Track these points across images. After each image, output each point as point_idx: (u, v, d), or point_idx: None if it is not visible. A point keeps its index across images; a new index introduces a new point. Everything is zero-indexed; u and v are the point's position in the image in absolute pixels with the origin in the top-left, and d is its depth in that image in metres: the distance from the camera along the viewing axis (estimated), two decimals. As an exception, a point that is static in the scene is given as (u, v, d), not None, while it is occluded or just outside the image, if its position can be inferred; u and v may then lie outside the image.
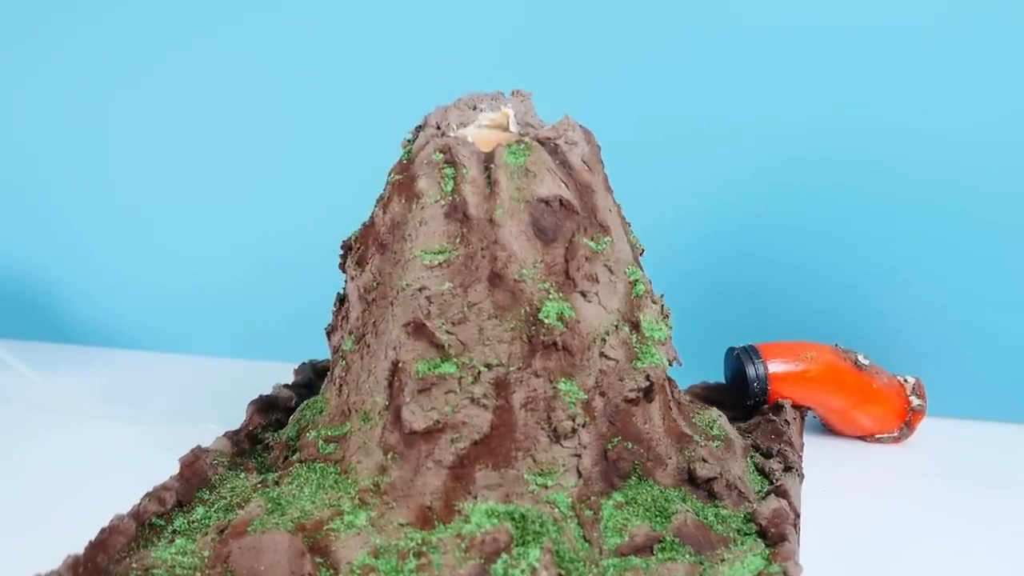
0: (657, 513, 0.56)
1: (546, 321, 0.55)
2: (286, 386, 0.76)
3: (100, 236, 0.94)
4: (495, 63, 0.82)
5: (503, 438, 0.55)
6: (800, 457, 0.67)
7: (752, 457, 0.66)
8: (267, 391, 0.77)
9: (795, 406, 0.73)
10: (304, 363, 0.82)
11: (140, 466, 0.68)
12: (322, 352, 0.83)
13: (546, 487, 0.55)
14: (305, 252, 0.91)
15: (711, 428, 0.65)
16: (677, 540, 0.54)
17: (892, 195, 0.77)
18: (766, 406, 0.73)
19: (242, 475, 0.63)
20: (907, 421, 0.74)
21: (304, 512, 0.54)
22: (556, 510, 0.54)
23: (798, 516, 0.58)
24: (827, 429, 0.77)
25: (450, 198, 0.56)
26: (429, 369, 0.55)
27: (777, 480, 0.63)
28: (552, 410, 0.55)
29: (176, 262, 0.94)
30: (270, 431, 0.70)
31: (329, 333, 0.64)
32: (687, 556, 0.53)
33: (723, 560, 0.53)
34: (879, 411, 0.73)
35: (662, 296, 0.61)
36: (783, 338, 0.76)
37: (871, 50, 0.77)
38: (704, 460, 0.61)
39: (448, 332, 0.55)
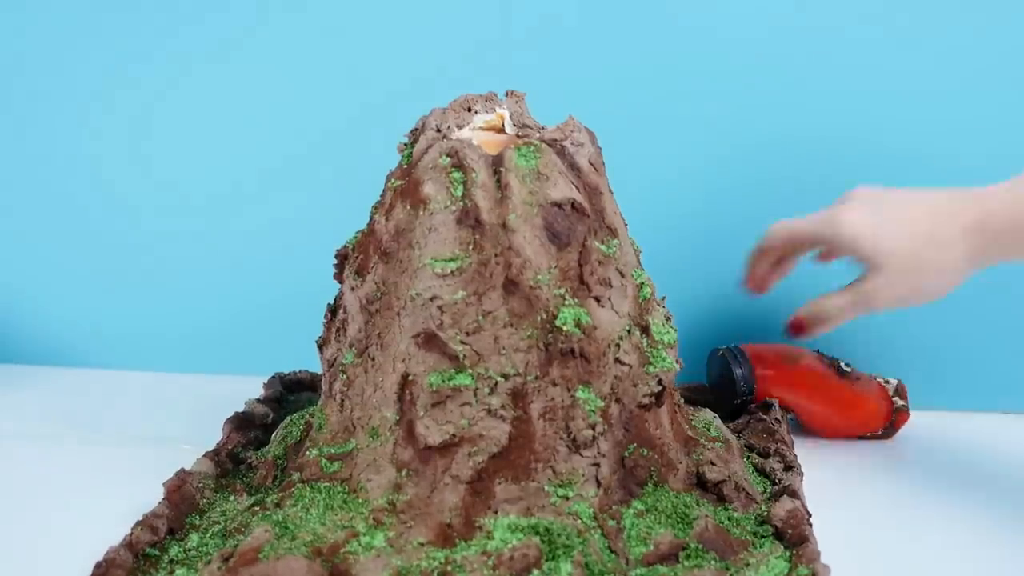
0: (678, 520, 0.55)
1: (564, 328, 0.53)
2: (259, 401, 0.73)
3: (45, 248, 0.89)
4: (465, 65, 0.81)
5: (522, 450, 0.53)
6: (795, 455, 0.67)
7: (749, 457, 0.66)
8: (225, 405, 0.74)
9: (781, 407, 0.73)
10: (273, 376, 0.79)
11: (115, 490, 0.64)
12: (279, 364, 0.81)
13: (567, 498, 0.53)
14: (259, 262, 0.88)
15: (708, 430, 0.65)
16: (700, 546, 0.53)
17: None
18: (753, 405, 0.73)
19: (231, 498, 0.60)
20: (891, 422, 0.74)
21: (316, 535, 0.52)
22: (579, 521, 0.52)
23: (810, 515, 0.58)
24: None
25: (461, 203, 0.54)
26: (443, 381, 0.53)
27: (779, 480, 0.62)
28: (571, 419, 0.54)
29: (124, 276, 0.89)
30: (251, 449, 0.67)
31: (321, 346, 0.61)
32: (712, 562, 0.52)
33: (748, 564, 0.53)
34: (861, 416, 0.74)
35: (663, 299, 0.60)
36: (763, 341, 0.76)
37: (858, 59, 0.77)
38: (712, 463, 0.60)
39: (462, 342, 0.53)
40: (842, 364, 0.74)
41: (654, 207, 0.79)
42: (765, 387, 0.73)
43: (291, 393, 0.78)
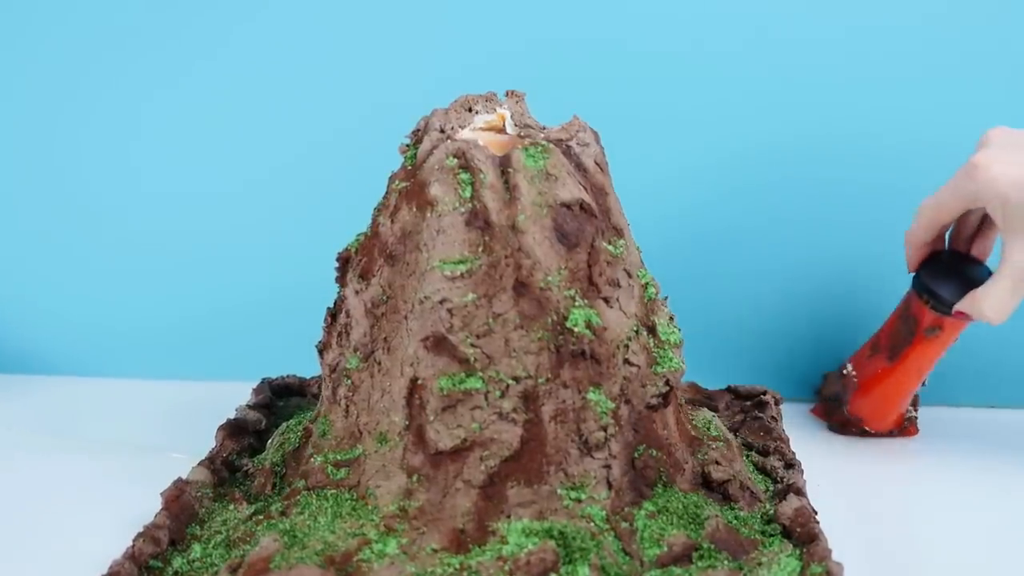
0: (690, 520, 0.55)
1: (575, 329, 0.53)
2: (250, 407, 0.72)
3: (23, 252, 0.87)
4: (461, 65, 0.80)
5: (534, 453, 0.53)
6: (794, 453, 0.67)
7: (748, 456, 0.66)
8: (206, 411, 0.73)
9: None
10: (262, 381, 0.78)
11: (107, 501, 0.63)
12: (257, 369, 0.80)
13: (579, 501, 0.53)
14: (237, 266, 0.86)
15: (709, 429, 0.65)
16: (713, 547, 0.53)
17: (868, 196, 0.78)
18: (750, 402, 0.73)
19: (231, 506, 0.59)
20: (902, 428, 0.75)
21: (327, 544, 0.51)
22: (592, 524, 0.52)
23: (816, 513, 0.58)
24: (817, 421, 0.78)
25: (469, 205, 0.53)
26: (453, 385, 0.53)
27: (781, 478, 0.63)
28: (583, 421, 0.54)
29: (103, 282, 0.87)
30: (245, 457, 0.66)
31: (321, 351, 0.60)
32: (725, 562, 0.52)
33: (760, 564, 0.53)
34: (883, 419, 0.74)
35: (666, 298, 0.60)
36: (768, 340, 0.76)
37: (859, 62, 0.78)
38: (717, 463, 0.60)
39: (472, 345, 0.52)
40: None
41: (647, 206, 0.79)
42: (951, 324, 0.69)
43: (279, 398, 0.77)
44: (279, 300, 0.86)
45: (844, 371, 0.75)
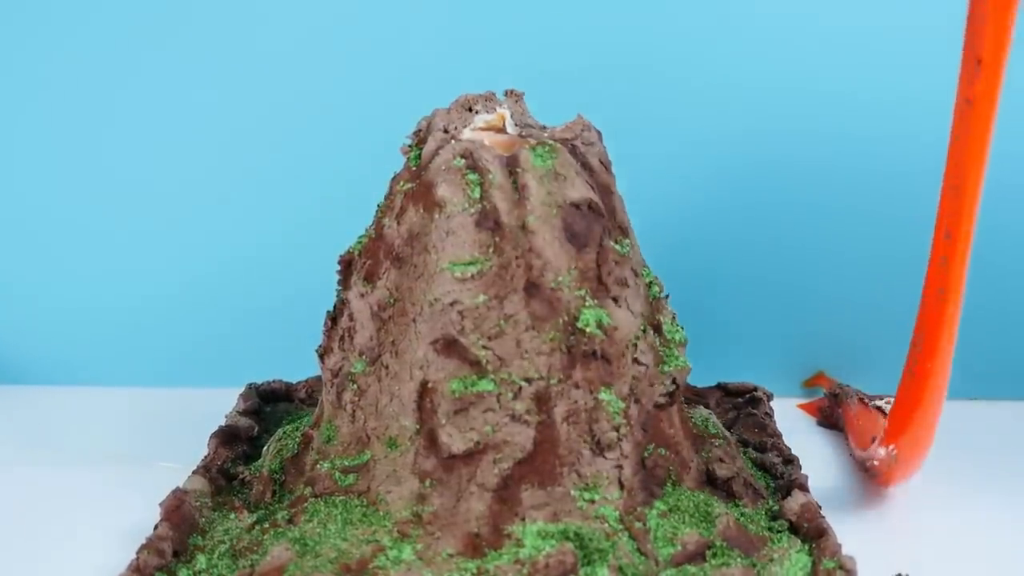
0: (701, 519, 0.55)
1: (587, 329, 0.53)
2: (240, 414, 0.71)
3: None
4: (455, 65, 0.79)
5: (547, 454, 0.53)
6: (789, 448, 0.67)
7: (746, 452, 0.66)
8: (185, 418, 0.72)
9: None
10: (248, 387, 0.76)
11: (100, 513, 0.62)
12: (231, 376, 0.78)
13: (592, 502, 0.53)
14: (214, 269, 0.85)
15: (707, 427, 0.65)
16: (725, 544, 0.53)
17: (863, 197, 0.79)
18: (741, 399, 0.74)
19: (231, 515, 0.58)
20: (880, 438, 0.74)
21: (341, 551, 0.50)
22: (606, 525, 0.52)
23: (820, 507, 0.58)
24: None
25: (479, 205, 0.53)
26: (465, 388, 0.52)
27: (781, 474, 0.63)
28: (595, 421, 0.53)
29: (72, 285, 0.85)
30: (240, 464, 0.64)
31: (322, 355, 0.60)
32: (739, 559, 0.52)
33: (772, 560, 0.53)
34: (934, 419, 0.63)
35: (667, 297, 0.60)
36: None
37: (861, 64, 0.78)
38: (721, 460, 0.60)
39: (484, 347, 0.52)
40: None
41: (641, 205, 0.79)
42: None
43: (268, 403, 0.76)
44: (262, 303, 0.85)
45: (874, 462, 0.62)
